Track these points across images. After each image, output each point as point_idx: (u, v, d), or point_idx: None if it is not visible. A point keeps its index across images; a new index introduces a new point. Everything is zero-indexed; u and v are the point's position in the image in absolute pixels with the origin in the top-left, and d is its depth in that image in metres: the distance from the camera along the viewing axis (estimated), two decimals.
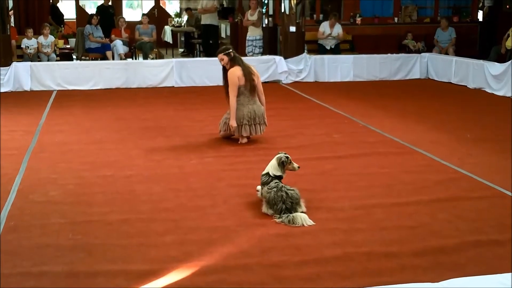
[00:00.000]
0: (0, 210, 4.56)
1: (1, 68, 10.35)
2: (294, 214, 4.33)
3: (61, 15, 15.30)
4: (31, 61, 11.37)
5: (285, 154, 4.66)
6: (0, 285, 3.39)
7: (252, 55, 12.35)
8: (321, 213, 4.53)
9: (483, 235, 4.13)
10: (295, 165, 4.69)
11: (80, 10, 17.23)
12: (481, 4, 15.30)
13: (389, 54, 12.13)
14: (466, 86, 10.89)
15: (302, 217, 4.31)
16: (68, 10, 16.82)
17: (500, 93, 9.98)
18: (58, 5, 15.31)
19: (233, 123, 6.55)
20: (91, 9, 17.81)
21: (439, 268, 3.62)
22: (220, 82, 11.16)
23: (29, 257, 3.77)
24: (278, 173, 4.59)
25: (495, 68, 10.23)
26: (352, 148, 6.47)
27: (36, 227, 4.26)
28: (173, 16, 18.20)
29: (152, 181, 5.34)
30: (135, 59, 13.64)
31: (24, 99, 9.74)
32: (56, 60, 12.19)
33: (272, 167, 4.61)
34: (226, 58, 6.67)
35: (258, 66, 11.50)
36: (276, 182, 4.51)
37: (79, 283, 3.45)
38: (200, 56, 15.16)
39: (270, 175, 4.58)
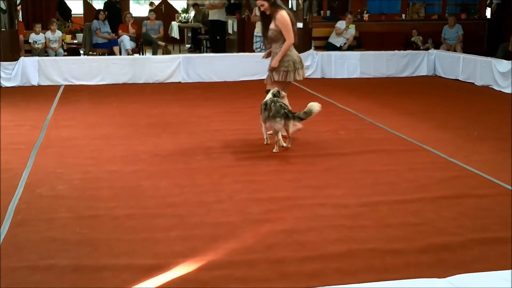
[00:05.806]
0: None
1: (9, 62, 10.40)
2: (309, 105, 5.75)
3: (68, 10, 15.34)
4: (39, 56, 11.43)
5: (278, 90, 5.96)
6: (6, 278, 3.42)
7: (260, 51, 12.34)
8: (326, 209, 4.55)
9: (488, 233, 4.13)
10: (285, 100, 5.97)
11: (87, 5, 17.26)
12: (489, 1, 15.22)
13: (396, 51, 12.09)
14: (473, 83, 10.86)
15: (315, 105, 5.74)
16: (75, 6, 16.85)
17: (507, 90, 9.94)
18: (66, 0, 15.35)
19: (276, 63, 6.31)
20: (98, 5, 17.86)
21: (443, 265, 3.62)
22: (227, 77, 11.10)
23: (35, 251, 3.80)
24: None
25: (502, 65, 10.19)
26: (357, 145, 6.46)
27: (43, 221, 4.29)
28: (180, 12, 18.20)
29: (158, 176, 5.36)
30: (142, 54, 13.67)
31: (31, 94, 9.79)
32: (64, 55, 12.25)
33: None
34: (266, 4, 6.34)
35: (266, 62, 11.53)
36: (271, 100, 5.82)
37: (85, 277, 3.47)
38: (207, 52, 15.16)
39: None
